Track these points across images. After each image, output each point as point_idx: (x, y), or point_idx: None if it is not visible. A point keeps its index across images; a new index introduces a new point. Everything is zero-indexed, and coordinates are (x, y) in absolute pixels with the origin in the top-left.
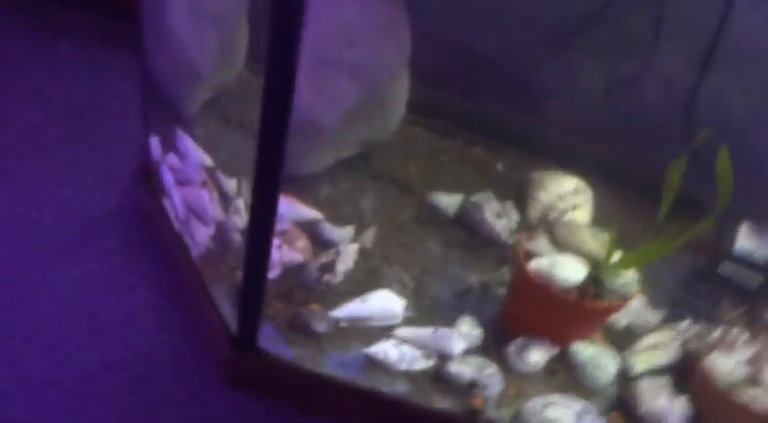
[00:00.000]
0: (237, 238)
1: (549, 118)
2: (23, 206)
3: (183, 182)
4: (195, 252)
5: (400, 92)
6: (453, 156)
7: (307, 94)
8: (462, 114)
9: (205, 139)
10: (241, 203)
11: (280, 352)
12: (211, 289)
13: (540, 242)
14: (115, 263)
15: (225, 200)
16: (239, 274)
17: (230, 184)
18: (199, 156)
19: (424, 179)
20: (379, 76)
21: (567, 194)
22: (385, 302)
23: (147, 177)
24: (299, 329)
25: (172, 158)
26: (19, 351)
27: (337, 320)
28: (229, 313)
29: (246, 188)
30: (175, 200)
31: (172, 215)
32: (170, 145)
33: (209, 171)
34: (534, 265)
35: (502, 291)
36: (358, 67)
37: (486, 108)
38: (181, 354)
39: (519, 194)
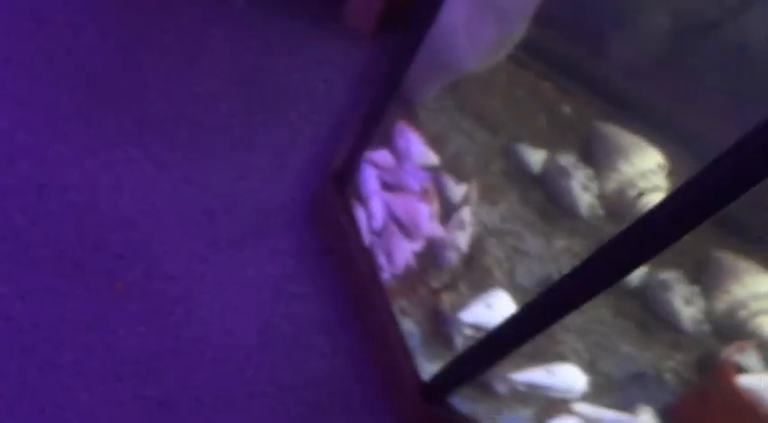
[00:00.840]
0: (453, 258)
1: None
2: (194, 191)
3: (392, 185)
4: (387, 270)
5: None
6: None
7: (458, 36)
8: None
9: (432, 135)
10: (467, 215)
11: (456, 406)
12: (402, 319)
13: (751, 356)
14: (288, 267)
15: (446, 210)
16: (446, 301)
17: (457, 189)
18: (423, 154)
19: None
20: (516, 21)
21: (651, 172)
22: (570, 377)
23: (338, 174)
24: (479, 387)
25: (383, 156)
26: (185, 355)
27: (517, 383)
28: (420, 352)
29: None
30: (374, 205)
31: (363, 223)
32: (384, 140)
33: (433, 173)
34: (745, 381)
35: (670, 377)
36: (503, 11)
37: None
38: (354, 387)
39: (592, 152)
